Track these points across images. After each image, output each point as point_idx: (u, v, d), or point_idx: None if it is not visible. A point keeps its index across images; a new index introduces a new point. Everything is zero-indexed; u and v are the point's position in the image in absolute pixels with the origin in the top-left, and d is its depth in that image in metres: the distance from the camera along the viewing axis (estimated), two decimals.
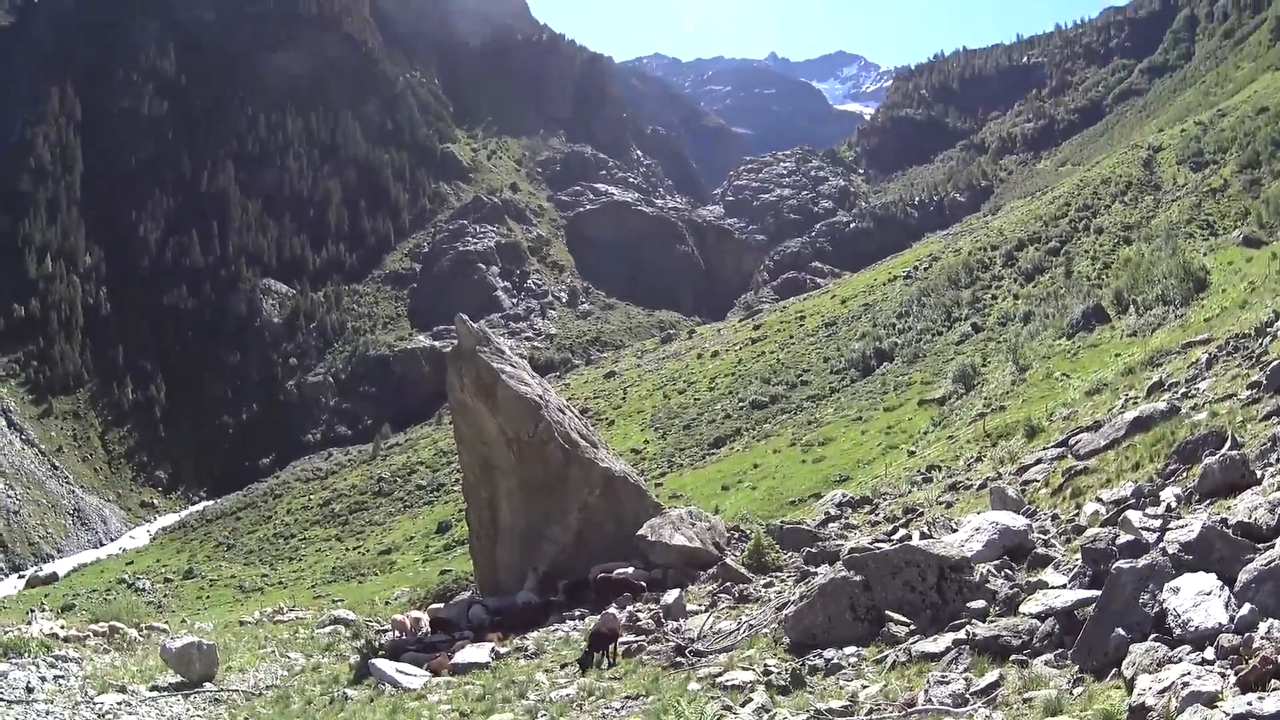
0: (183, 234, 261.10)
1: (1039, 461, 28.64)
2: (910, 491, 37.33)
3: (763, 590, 23.35)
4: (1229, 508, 14.94)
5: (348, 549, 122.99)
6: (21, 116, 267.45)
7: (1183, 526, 13.70)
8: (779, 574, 25.18)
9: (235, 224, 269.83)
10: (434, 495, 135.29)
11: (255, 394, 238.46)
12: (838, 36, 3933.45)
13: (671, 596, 23.89)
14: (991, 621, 14.39)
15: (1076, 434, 29.23)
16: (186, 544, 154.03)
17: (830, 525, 33.30)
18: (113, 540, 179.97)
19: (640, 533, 30.01)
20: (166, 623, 37.12)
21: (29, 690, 21.11)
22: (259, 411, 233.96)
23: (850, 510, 36.79)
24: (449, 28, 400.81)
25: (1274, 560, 11.25)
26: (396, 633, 29.69)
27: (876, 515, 33.68)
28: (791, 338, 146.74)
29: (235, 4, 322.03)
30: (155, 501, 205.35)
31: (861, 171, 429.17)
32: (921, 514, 29.10)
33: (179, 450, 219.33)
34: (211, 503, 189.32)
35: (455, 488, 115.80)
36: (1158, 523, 15.00)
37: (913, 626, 15.40)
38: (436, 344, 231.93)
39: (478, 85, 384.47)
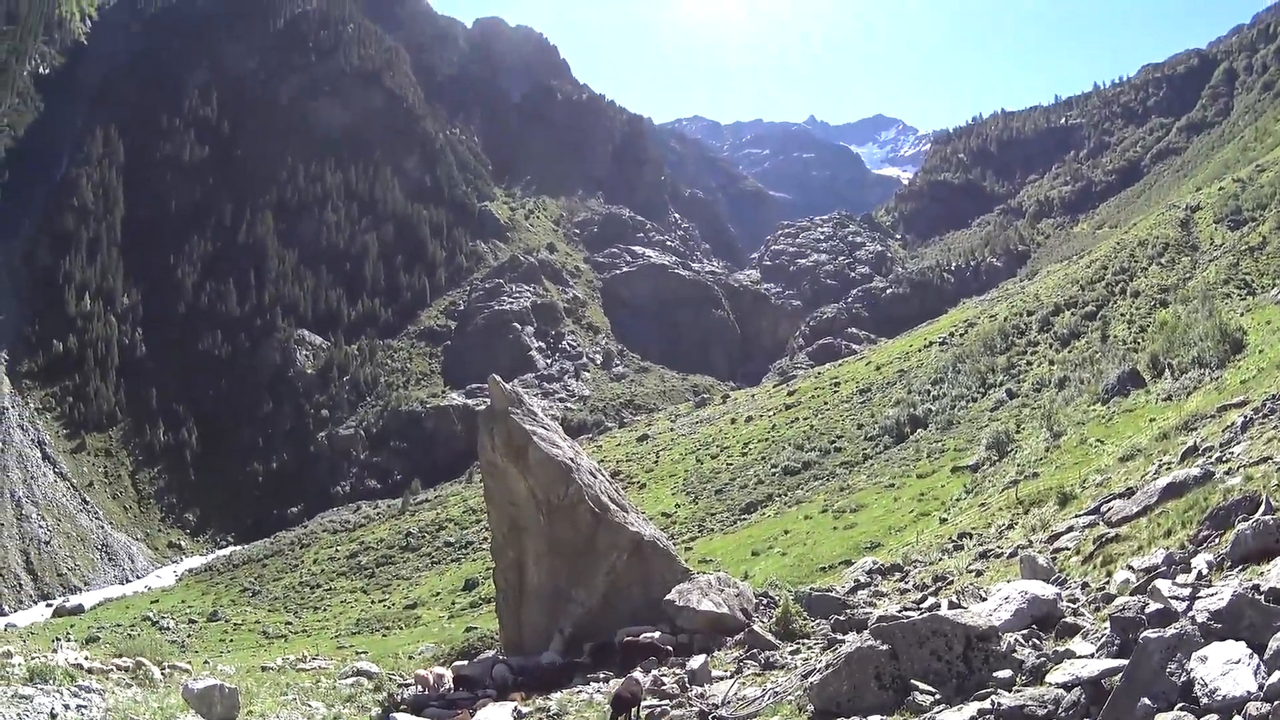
0: (220, 281, 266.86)
1: (1070, 529, 28.35)
2: (941, 559, 37.14)
3: (789, 657, 23.21)
4: (1262, 574, 14.73)
5: (373, 601, 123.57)
6: (68, 156, 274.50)
7: (1213, 595, 13.51)
8: (806, 641, 25.03)
9: (272, 274, 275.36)
10: (461, 552, 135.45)
11: (286, 444, 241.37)
12: (877, 100, 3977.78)
13: (697, 662, 23.77)
14: (1018, 691, 14.22)
15: (1109, 501, 28.98)
16: (212, 587, 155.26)
17: (859, 593, 33.14)
18: (139, 578, 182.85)
19: (668, 598, 29.94)
20: (189, 663, 37.19)
21: (53, 717, 21.16)
22: (289, 461, 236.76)
23: (880, 578, 36.62)
24: (490, 85, 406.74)
25: None
26: (419, 687, 29.59)
27: (906, 583, 33.50)
28: (826, 404, 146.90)
29: (280, 54, 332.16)
30: (182, 543, 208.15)
31: (899, 236, 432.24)
32: (951, 582, 28.94)
33: (208, 494, 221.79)
34: (239, 548, 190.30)
35: (483, 546, 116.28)
36: (1187, 591, 14.81)
37: (938, 696, 15.24)
38: (469, 402, 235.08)
39: (517, 143, 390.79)
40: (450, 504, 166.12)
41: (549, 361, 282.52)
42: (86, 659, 29.99)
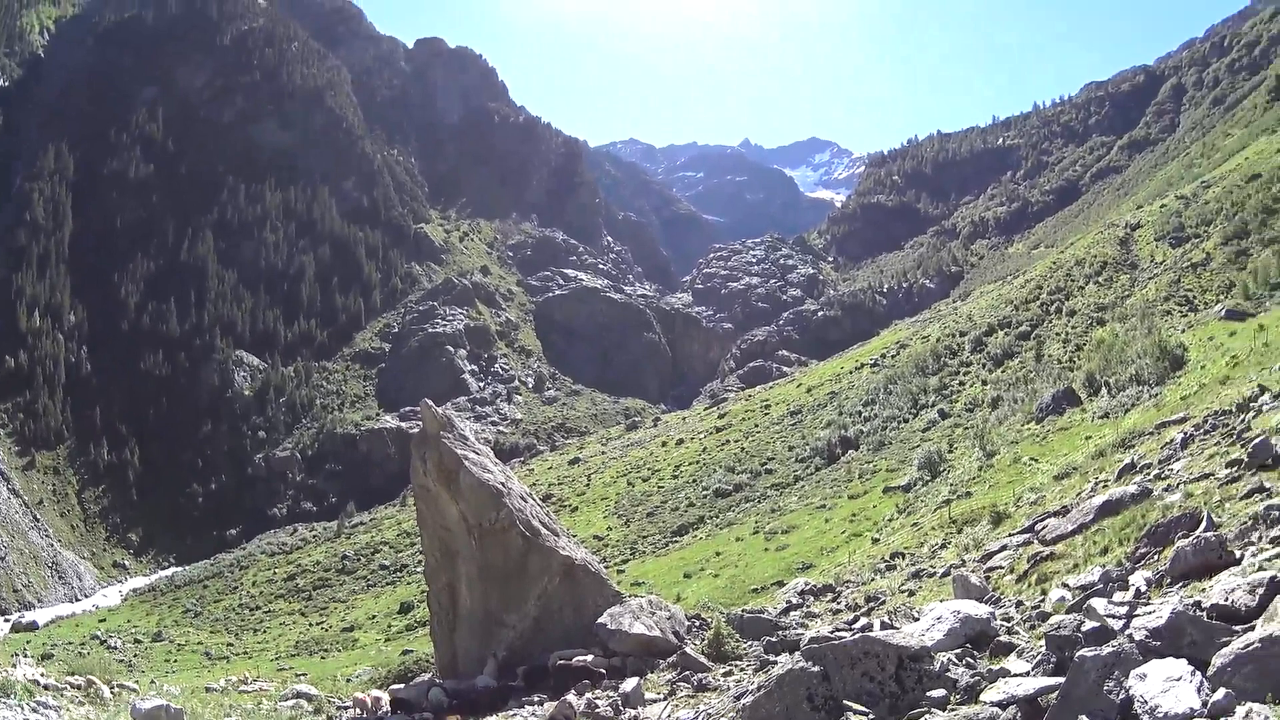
0: (161, 300, 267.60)
1: (1004, 548, 28.29)
2: (873, 579, 37.04)
3: (722, 679, 22.99)
4: (1203, 590, 14.58)
5: (311, 624, 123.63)
6: (22, 171, 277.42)
7: (1151, 612, 13.32)
8: (739, 663, 24.83)
9: (211, 294, 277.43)
10: (396, 575, 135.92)
11: (225, 465, 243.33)
12: (811, 123, 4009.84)
13: (630, 684, 23.52)
14: (951, 710, 13.97)
15: (1043, 519, 28.90)
16: (156, 607, 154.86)
17: (792, 614, 32.98)
18: (87, 597, 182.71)
19: (600, 621, 29.72)
20: (136, 682, 36.99)
21: None
22: (228, 482, 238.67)
23: (812, 598, 36.48)
24: (429, 106, 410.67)
25: (1254, 643, 10.85)
26: (357, 710, 29.35)
27: (838, 603, 33.37)
28: (756, 426, 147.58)
29: (226, 72, 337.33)
30: (127, 563, 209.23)
31: (831, 259, 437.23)
32: (884, 602, 28.80)
33: (151, 515, 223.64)
34: (180, 569, 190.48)
35: (417, 569, 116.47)
36: (1124, 609, 14.62)
37: (871, 716, 14.98)
38: (403, 425, 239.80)
39: (454, 165, 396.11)
40: (385, 527, 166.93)
41: (482, 385, 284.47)
42: (43, 675, 29.85)
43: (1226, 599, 13.33)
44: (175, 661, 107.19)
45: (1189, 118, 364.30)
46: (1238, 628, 12.17)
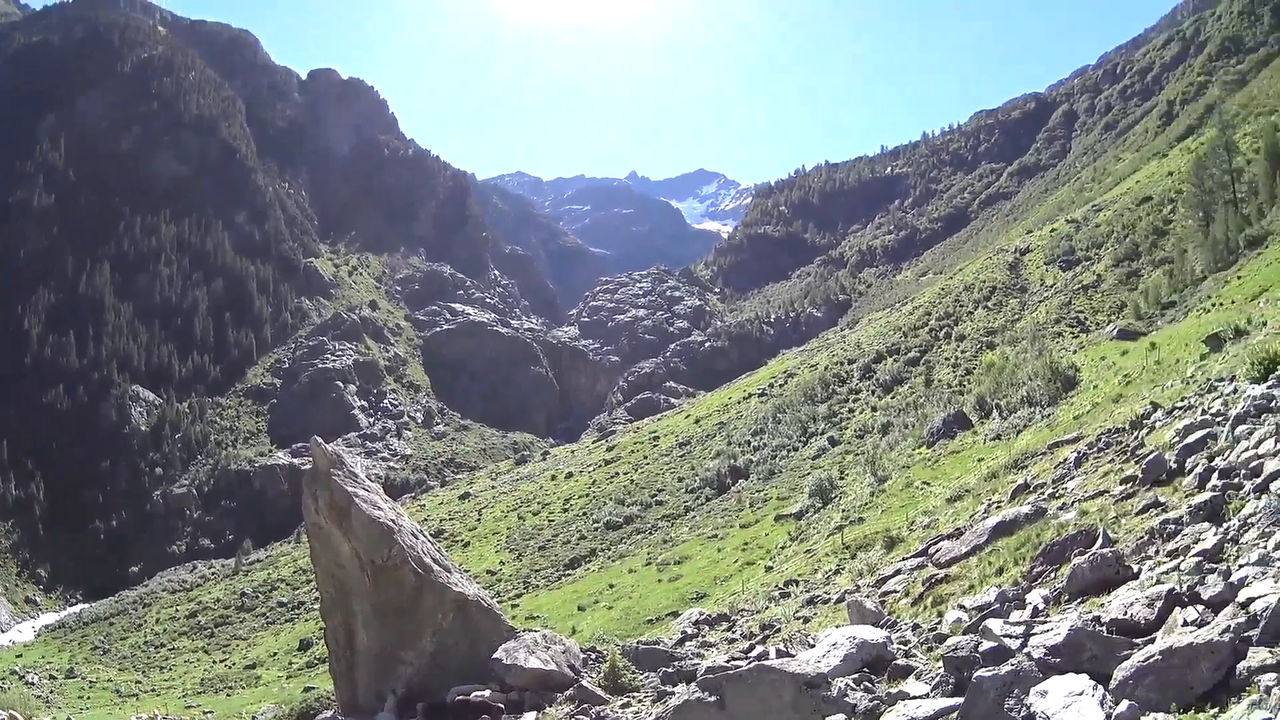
0: (61, 333, 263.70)
1: (898, 572, 28.21)
2: (768, 607, 36.89)
3: (620, 711, 22.68)
4: (1102, 605, 14.44)
5: (215, 661, 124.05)
6: None
7: (1049, 629, 13.18)
8: (636, 695, 24.53)
9: (109, 327, 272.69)
10: (295, 613, 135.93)
11: (125, 501, 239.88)
12: (699, 155, 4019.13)
13: (528, 719, 23.31)
14: None
15: (937, 542, 28.94)
16: (67, 644, 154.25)
17: (687, 644, 32.76)
18: (3, 632, 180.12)
19: (495, 656, 29.40)
20: (54, 718, 36.86)
21: None
22: (128, 519, 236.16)
23: (707, 628, 36.32)
24: (320, 138, 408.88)
25: (1154, 655, 10.68)
26: None
27: (734, 632, 33.20)
28: (645, 458, 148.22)
29: (126, 102, 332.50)
30: (38, 599, 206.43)
31: (718, 290, 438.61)
32: (779, 629, 28.65)
33: (58, 551, 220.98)
34: (88, 605, 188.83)
35: (314, 606, 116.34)
36: (1021, 628, 14.45)
37: None
38: (296, 461, 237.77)
39: (344, 198, 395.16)
40: (281, 564, 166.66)
41: (372, 420, 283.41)
42: None
43: (1125, 613, 13.18)
44: (88, 699, 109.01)
45: (1080, 143, 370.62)
46: (1138, 640, 12.02)
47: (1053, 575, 18.59)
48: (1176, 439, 22.37)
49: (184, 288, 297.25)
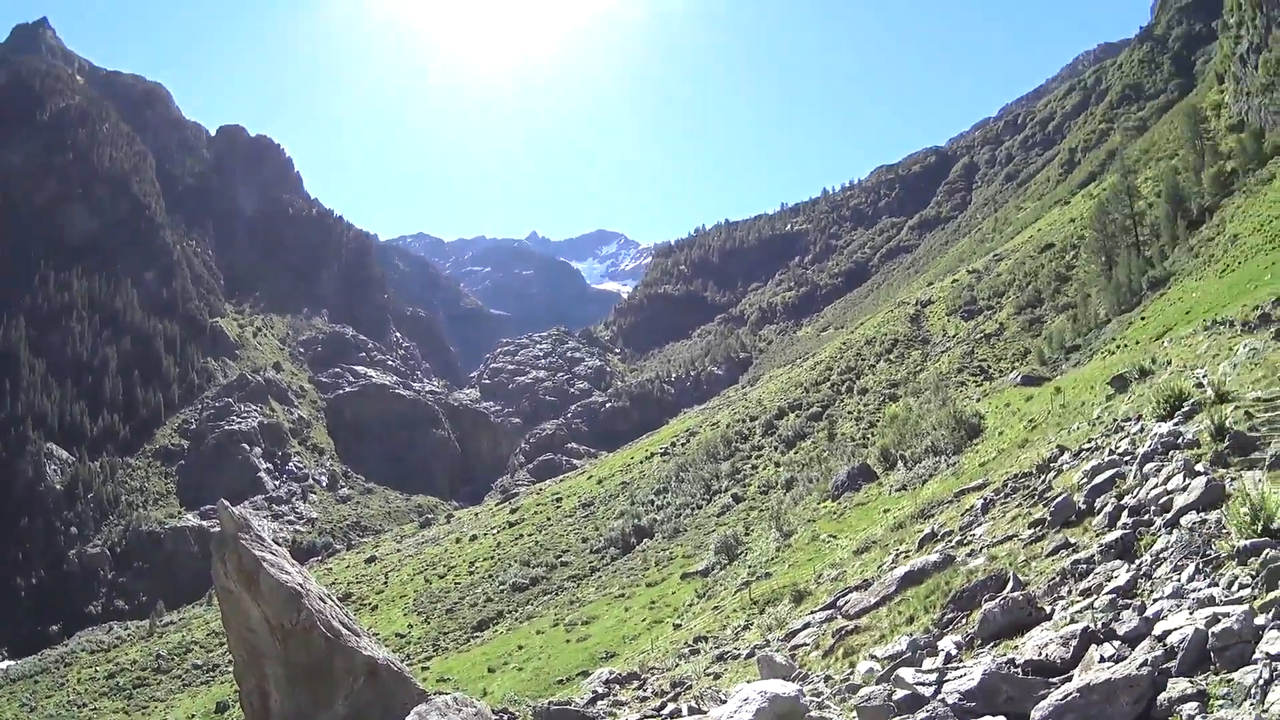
0: None
1: (807, 625, 28.13)
2: (678, 664, 36.72)
3: None
4: (1016, 647, 14.40)
5: None
6: None
7: (962, 675, 13.07)
8: None
9: (24, 383, 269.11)
10: (210, 675, 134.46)
11: (43, 560, 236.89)
12: (598, 215, 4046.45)
13: None
14: None
15: (845, 594, 28.92)
16: None
17: (599, 703, 32.50)
18: None
19: None
20: None
21: None
22: (47, 578, 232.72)
23: (618, 687, 36.05)
24: (227, 195, 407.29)
25: (1072, 692, 10.57)
26: None
27: (645, 690, 32.98)
28: (549, 519, 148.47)
29: (43, 151, 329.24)
30: None
31: (618, 351, 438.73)
32: (690, 686, 28.48)
33: None
34: (14, 663, 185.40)
35: (229, 668, 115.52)
36: (934, 676, 14.33)
37: None
38: (204, 524, 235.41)
39: (249, 258, 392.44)
40: (195, 626, 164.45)
41: (277, 483, 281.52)
42: None
43: (1040, 653, 13.12)
44: None
45: (981, 194, 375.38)
46: (1055, 680, 11.96)
47: (964, 621, 18.53)
48: (1084, 480, 22.41)
49: (94, 345, 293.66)
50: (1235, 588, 11.64)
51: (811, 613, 30.18)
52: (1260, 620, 10.19)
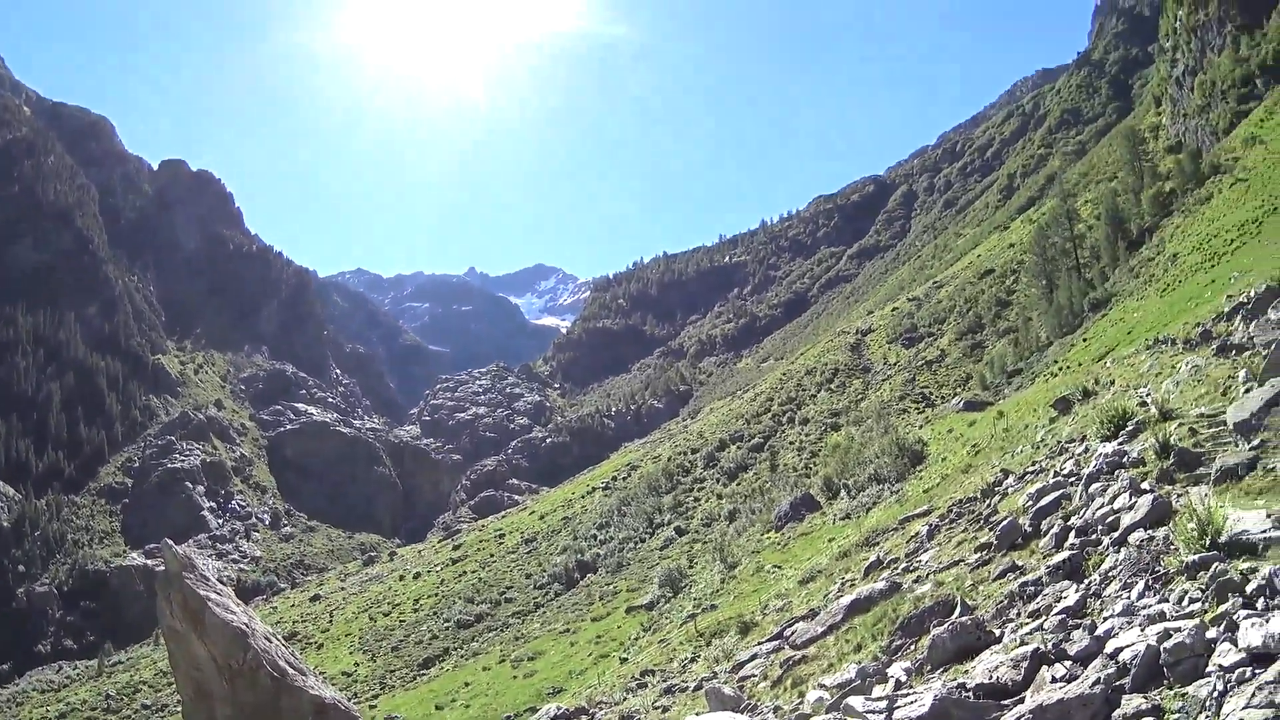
0: None
1: (755, 656, 28.06)
2: (625, 699, 36.62)
3: None
4: (966, 672, 14.37)
5: None
6: None
7: (912, 701, 13.04)
8: None
9: None
10: (159, 715, 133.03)
11: None
12: (536, 250, 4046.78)
13: None
14: None
15: (792, 624, 28.91)
16: None
17: None
18: None
19: None
20: None
21: None
22: None
23: None
24: (168, 231, 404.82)
25: (1024, 714, 10.56)
26: None
27: None
28: (492, 556, 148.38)
29: None
30: None
31: (557, 385, 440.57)
32: None
33: None
34: None
35: (178, 708, 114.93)
36: (884, 703, 14.30)
37: None
38: (149, 562, 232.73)
39: (190, 293, 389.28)
40: (143, 666, 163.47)
41: (221, 521, 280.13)
42: None
43: (991, 677, 13.11)
44: None
45: (920, 222, 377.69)
46: (1007, 703, 11.93)
47: (913, 648, 18.55)
48: (1030, 503, 22.46)
49: (39, 380, 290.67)
50: (1185, 602, 11.66)
51: (759, 643, 30.15)
52: (1212, 633, 10.21)
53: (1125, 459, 20.40)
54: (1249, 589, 11.02)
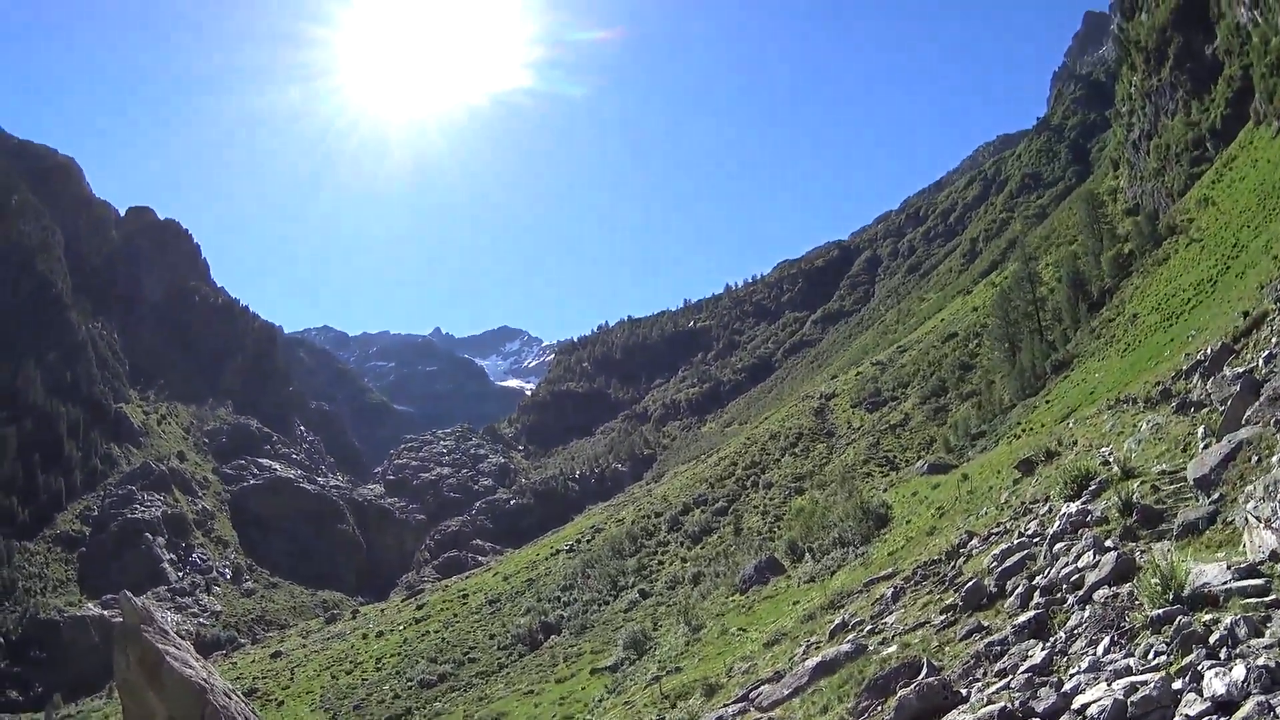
0: None
1: (720, 719, 28.03)
2: None
3: None
4: None
5: None
6: None
7: None
8: None
9: None
10: None
11: None
12: (502, 312, 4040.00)
13: None
14: None
15: (757, 686, 28.89)
16: None
17: None
18: None
19: None
20: None
21: None
22: None
23: None
24: (134, 279, 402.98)
25: None
26: None
27: None
28: (456, 616, 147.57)
29: None
30: None
31: (521, 447, 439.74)
32: None
33: None
34: None
35: None
36: None
37: None
38: (106, 613, 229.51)
39: (154, 343, 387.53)
40: None
41: (181, 574, 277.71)
42: None
43: None
44: None
45: (884, 286, 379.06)
46: None
47: (879, 709, 18.57)
48: (994, 563, 22.59)
49: None
50: (1151, 656, 11.77)
51: (724, 706, 30.14)
52: (1177, 685, 10.33)
53: (1089, 518, 20.57)
54: (1212, 639, 11.15)
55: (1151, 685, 10.41)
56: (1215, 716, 9.63)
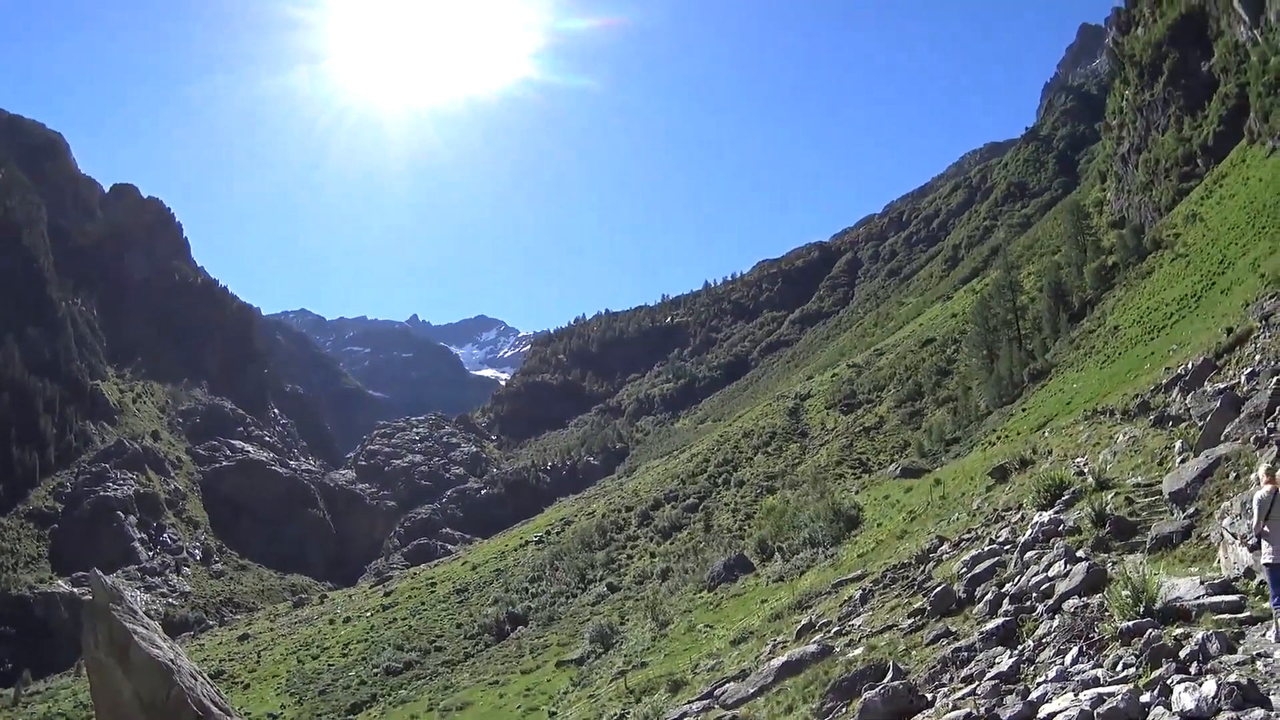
0: None
1: (684, 715, 28.09)
2: None
3: None
4: None
5: None
6: None
7: None
8: None
9: None
10: None
11: None
12: (479, 301, 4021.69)
13: None
14: None
15: (722, 684, 28.88)
16: None
17: None
18: None
19: None
20: None
21: None
22: None
23: None
24: (115, 256, 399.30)
25: None
26: None
27: None
28: (423, 604, 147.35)
29: None
30: None
31: (494, 437, 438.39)
32: None
33: None
34: None
35: None
36: None
37: None
38: (76, 591, 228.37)
39: (132, 322, 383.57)
40: (62, 697, 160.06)
41: (151, 554, 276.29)
42: None
43: None
44: None
45: (864, 290, 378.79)
46: None
47: (844, 710, 18.59)
48: (965, 570, 22.56)
49: None
50: (1120, 668, 11.73)
51: (688, 702, 30.07)
52: (1146, 698, 10.28)
53: (1061, 527, 20.56)
54: (1182, 654, 11.11)
55: (1119, 697, 10.35)
56: None
